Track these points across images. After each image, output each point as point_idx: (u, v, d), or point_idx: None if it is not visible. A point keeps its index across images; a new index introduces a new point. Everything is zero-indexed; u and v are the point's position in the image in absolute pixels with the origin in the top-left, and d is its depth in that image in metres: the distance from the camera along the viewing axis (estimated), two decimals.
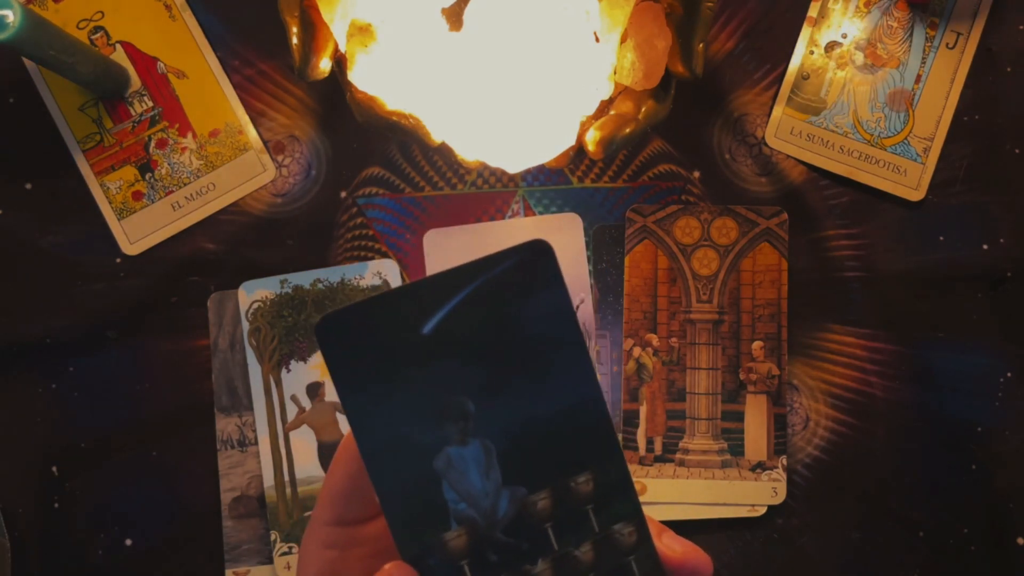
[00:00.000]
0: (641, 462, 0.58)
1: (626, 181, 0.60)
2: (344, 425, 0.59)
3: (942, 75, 0.58)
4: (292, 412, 0.59)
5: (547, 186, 0.59)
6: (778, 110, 0.59)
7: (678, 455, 0.59)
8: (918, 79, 0.58)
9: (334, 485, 0.32)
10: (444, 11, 0.48)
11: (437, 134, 0.49)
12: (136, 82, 0.59)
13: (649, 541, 0.32)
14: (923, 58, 0.58)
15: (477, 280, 0.30)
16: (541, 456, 0.31)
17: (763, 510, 0.58)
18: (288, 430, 0.59)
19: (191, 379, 0.59)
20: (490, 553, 0.31)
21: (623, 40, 0.50)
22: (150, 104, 0.59)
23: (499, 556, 0.31)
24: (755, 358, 0.59)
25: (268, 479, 0.58)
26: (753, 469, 0.58)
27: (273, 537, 0.58)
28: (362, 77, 0.48)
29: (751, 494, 0.58)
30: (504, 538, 0.31)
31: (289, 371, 0.59)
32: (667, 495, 0.58)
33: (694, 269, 0.59)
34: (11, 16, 0.49)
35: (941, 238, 0.59)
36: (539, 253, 0.30)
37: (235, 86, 0.59)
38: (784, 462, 0.58)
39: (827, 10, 0.59)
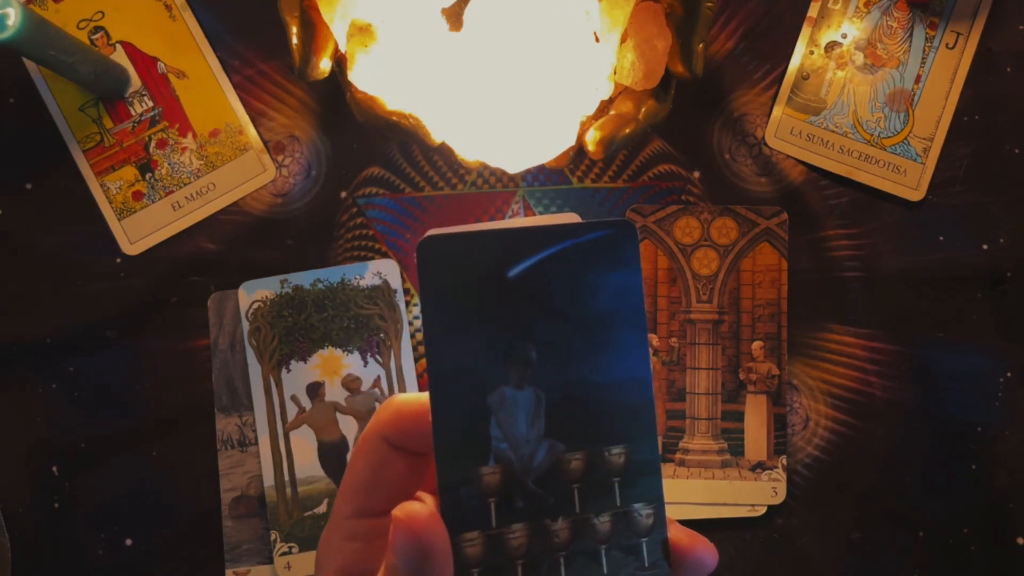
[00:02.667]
0: None
1: (626, 181, 0.60)
2: (344, 425, 0.59)
3: (942, 75, 0.58)
4: (292, 412, 0.59)
5: (547, 186, 0.60)
6: (778, 110, 0.59)
7: (678, 455, 0.59)
8: (918, 79, 0.58)
9: (356, 476, 0.32)
10: (444, 11, 0.48)
11: (437, 134, 0.49)
12: (136, 82, 0.59)
13: (663, 528, 0.33)
14: (923, 58, 0.58)
15: (566, 242, 0.32)
16: (585, 419, 0.33)
17: (763, 510, 0.59)
18: (288, 430, 0.59)
19: (191, 379, 0.59)
20: (518, 498, 0.32)
21: (623, 40, 0.50)
22: (150, 104, 0.59)
23: (525, 504, 0.32)
24: (755, 358, 0.59)
25: (268, 479, 0.58)
26: (753, 469, 0.58)
27: (273, 537, 0.58)
28: (362, 77, 0.48)
29: (751, 494, 0.58)
30: (534, 487, 0.32)
31: (289, 371, 0.59)
32: (667, 495, 0.58)
33: (694, 269, 0.59)
34: (11, 16, 0.49)
35: (941, 238, 0.59)
36: (626, 233, 0.32)
37: (235, 86, 0.59)
38: (784, 462, 0.58)
39: (827, 10, 0.59)
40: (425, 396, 0.32)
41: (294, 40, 0.48)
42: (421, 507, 0.30)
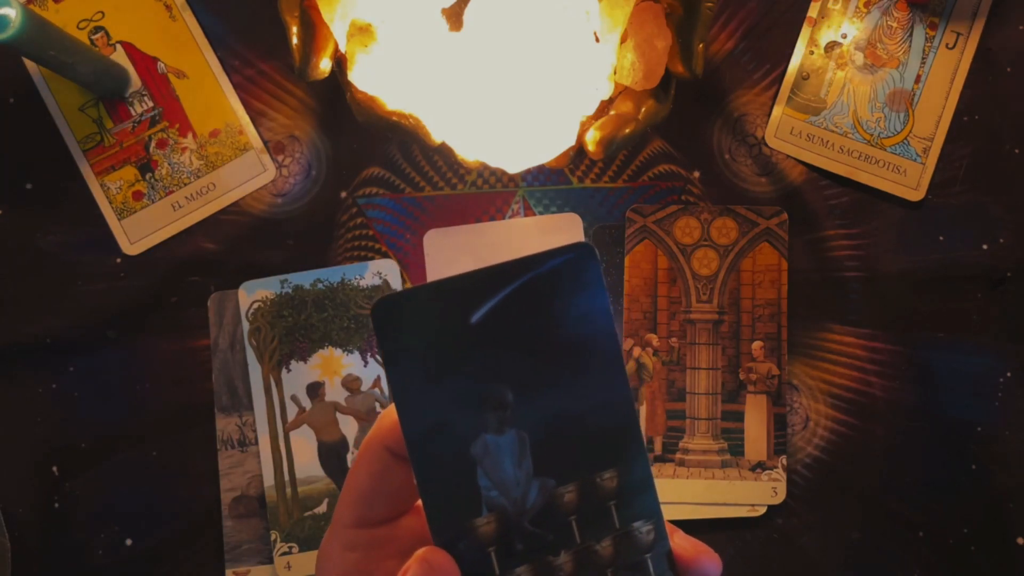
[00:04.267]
0: None
1: (626, 181, 0.60)
2: (344, 425, 0.59)
3: (942, 75, 0.58)
4: (292, 412, 0.59)
5: (547, 186, 0.60)
6: (778, 110, 0.59)
7: (678, 455, 0.59)
8: (918, 79, 0.58)
9: (357, 486, 0.32)
10: (444, 11, 0.48)
11: (437, 134, 0.49)
12: (136, 82, 0.59)
13: (665, 540, 0.33)
14: (923, 58, 0.58)
15: (525, 276, 0.31)
16: (571, 450, 0.32)
17: (763, 510, 0.59)
18: (288, 430, 0.59)
19: (191, 379, 0.59)
20: (516, 542, 0.31)
21: (623, 40, 0.50)
22: (150, 104, 0.59)
23: (524, 545, 0.31)
24: (755, 358, 0.59)
25: (268, 479, 0.58)
26: (753, 469, 0.58)
27: (273, 537, 0.58)
28: (362, 77, 0.48)
29: (751, 494, 0.58)
30: (531, 528, 0.32)
31: (289, 371, 0.59)
32: (667, 495, 0.58)
33: (694, 269, 0.59)
34: (12, 16, 0.49)
35: (941, 238, 0.59)
36: (586, 255, 0.32)
37: (235, 86, 0.59)
38: (784, 462, 0.58)
39: (827, 10, 0.59)
40: None
41: (294, 40, 0.48)
42: (447, 561, 0.30)
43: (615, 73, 0.50)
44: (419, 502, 0.33)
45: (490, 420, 0.31)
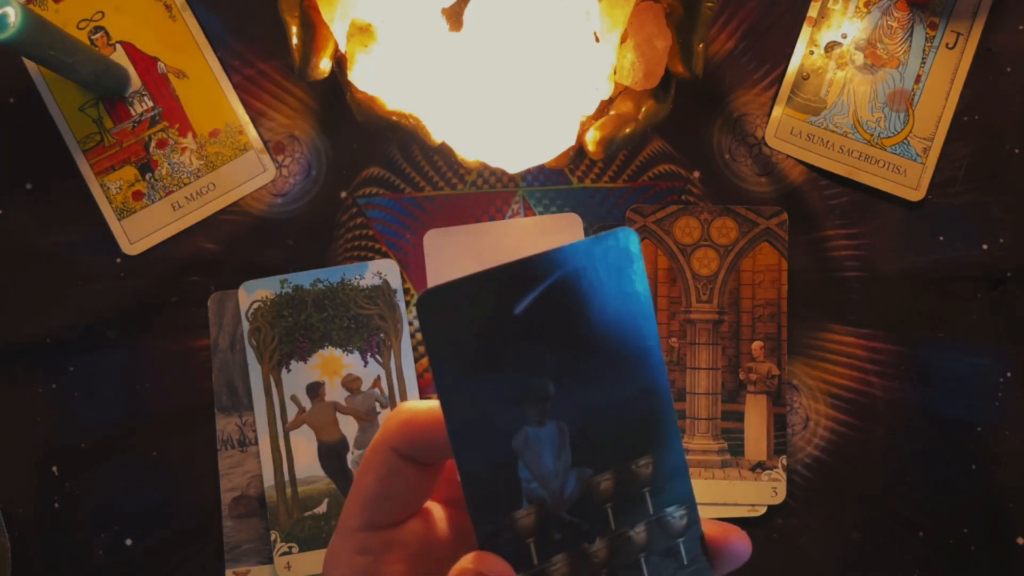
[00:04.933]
0: None
1: (626, 181, 0.60)
2: (344, 425, 0.59)
3: (942, 75, 0.58)
4: (292, 412, 0.59)
5: (547, 186, 0.60)
6: (778, 110, 0.59)
7: None
8: (918, 79, 0.58)
9: (366, 489, 0.32)
10: (444, 11, 0.48)
11: (437, 134, 0.49)
12: (136, 82, 0.59)
13: (697, 525, 0.33)
14: (923, 58, 0.58)
15: (569, 265, 0.31)
16: (608, 439, 0.32)
17: (763, 510, 0.59)
18: (288, 430, 0.59)
19: (191, 379, 0.59)
20: (554, 532, 0.31)
21: (623, 40, 0.50)
22: (150, 104, 0.59)
23: (562, 535, 0.31)
24: (755, 358, 0.59)
25: (268, 479, 0.58)
26: (753, 469, 0.58)
27: (273, 537, 0.58)
28: (362, 77, 0.48)
29: (751, 494, 0.58)
30: (568, 517, 0.32)
31: (289, 371, 0.59)
32: None
33: (694, 269, 0.59)
34: (12, 16, 0.49)
35: (941, 238, 0.59)
36: (627, 239, 0.31)
37: (235, 86, 0.59)
38: (784, 462, 0.58)
39: (827, 10, 0.59)
40: (434, 404, 0.31)
41: (294, 40, 0.48)
42: (503, 566, 0.30)
43: (615, 73, 0.50)
44: (428, 503, 0.33)
45: (531, 413, 0.31)
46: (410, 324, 0.59)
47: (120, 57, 0.59)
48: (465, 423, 0.30)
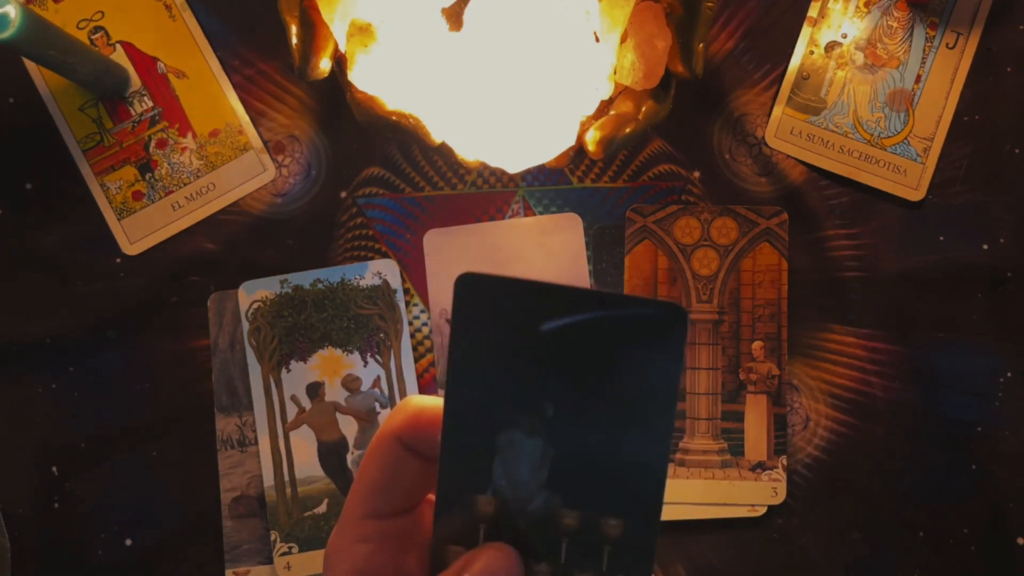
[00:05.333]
0: None
1: (626, 181, 0.60)
2: (344, 425, 0.59)
3: (942, 75, 0.58)
4: (292, 412, 0.59)
5: (547, 186, 0.60)
6: (778, 110, 0.59)
7: (678, 455, 0.59)
8: (918, 79, 0.58)
9: (369, 478, 0.32)
10: (444, 11, 0.48)
11: (437, 134, 0.49)
12: (136, 82, 0.59)
13: None
14: (923, 58, 0.58)
15: (609, 310, 0.31)
16: (589, 483, 0.33)
17: (763, 510, 0.58)
18: (288, 430, 0.59)
19: (191, 379, 0.59)
20: (507, 531, 0.32)
21: (623, 40, 0.50)
22: (150, 104, 0.59)
23: (513, 539, 0.32)
24: (755, 358, 0.59)
25: (268, 479, 0.58)
26: (753, 469, 0.58)
27: (273, 537, 0.58)
28: (362, 77, 0.48)
29: (751, 494, 0.58)
30: (524, 527, 0.32)
31: (289, 371, 0.59)
32: (667, 495, 0.58)
33: (694, 269, 0.59)
34: (12, 16, 0.49)
35: (941, 238, 0.59)
36: (676, 318, 0.31)
37: (235, 86, 0.59)
38: (784, 462, 0.58)
39: (827, 10, 0.59)
40: (441, 400, 0.32)
41: (294, 40, 0.48)
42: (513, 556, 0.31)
43: (615, 73, 0.50)
44: (431, 495, 0.33)
45: (524, 421, 0.32)
46: (410, 324, 0.59)
47: (120, 57, 0.59)
48: (464, 401, 0.32)
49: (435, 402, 0.33)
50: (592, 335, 0.31)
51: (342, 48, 0.49)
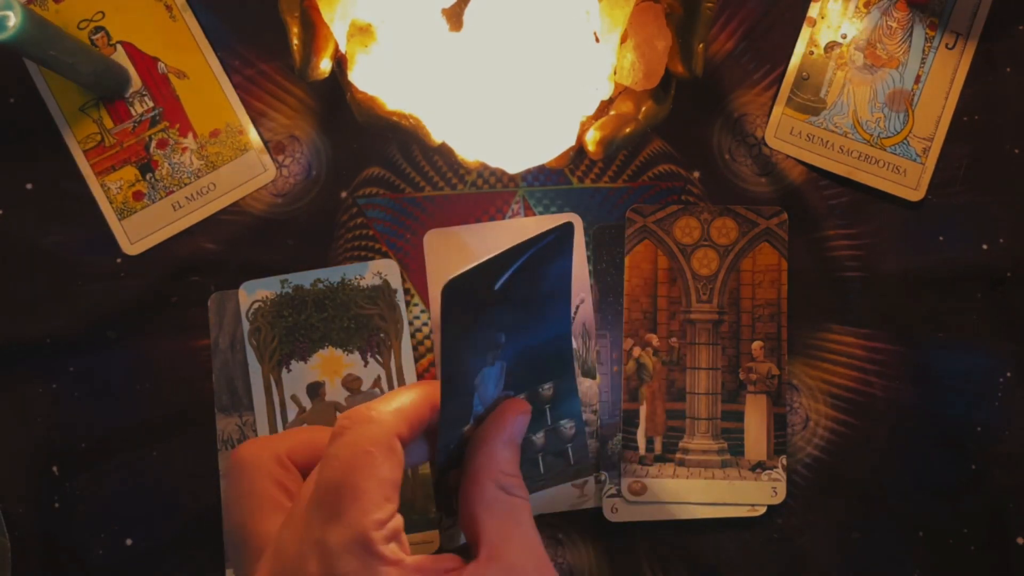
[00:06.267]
0: (641, 462, 0.58)
1: (626, 181, 0.60)
2: None
3: (942, 75, 0.58)
4: (292, 412, 0.59)
5: (547, 186, 0.60)
6: (778, 110, 0.59)
7: (678, 455, 0.59)
8: (918, 79, 0.58)
9: (415, 406, 0.41)
10: (444, 11, 0.48)
11: (437, 134, 0.49)
12: (137, 82, 0.59)
13: (583, 436, 0.48)
14: (923, 58, 0.58)
15: (532, 248, 0.41)
16: (527, 371, 0.44)
17: (763, 510, 0.59)
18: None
19: (191, 379, 0.59)
20: None
21: (623, 40, 0.50)
22: (150, 104, 0.59)
23: None
24: (755, 358, 0.59)
25: None
26: (753, 469, 0.58)
27: None
28: (362, 77, 0.48)
29: (751, 494, 0.58)
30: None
31: (289, 371, 0.59)
32: (667, 495, 0.58)
33: (694, 269, 0.59)
34: (12, 17, 0.49)
35: (941, 238, 0.59)
36: (566, 232, 0.42)
37: (235, 86, 0.59)
38: (784, 462, 0.58)
39: (827, 10, 0.59)
40: (411, 393, 0.41)
41: (294, 40, 0.48)
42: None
43: (615, 73, 0.50)
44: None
45: (488, 358, 0.42)
46: (410, 324, 0.59)
47: (120, 57, 0.59)
48: (454, 372, 0.40)
49: (410, 398, 0.40)
50: (524, 273, 0.41)
51: (342, 48, 0.49)
